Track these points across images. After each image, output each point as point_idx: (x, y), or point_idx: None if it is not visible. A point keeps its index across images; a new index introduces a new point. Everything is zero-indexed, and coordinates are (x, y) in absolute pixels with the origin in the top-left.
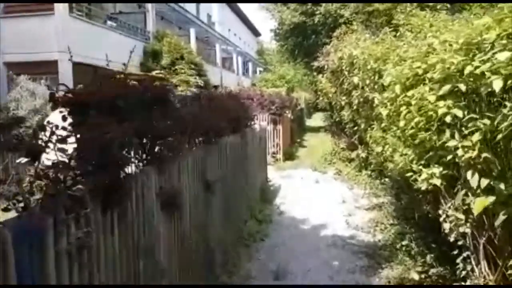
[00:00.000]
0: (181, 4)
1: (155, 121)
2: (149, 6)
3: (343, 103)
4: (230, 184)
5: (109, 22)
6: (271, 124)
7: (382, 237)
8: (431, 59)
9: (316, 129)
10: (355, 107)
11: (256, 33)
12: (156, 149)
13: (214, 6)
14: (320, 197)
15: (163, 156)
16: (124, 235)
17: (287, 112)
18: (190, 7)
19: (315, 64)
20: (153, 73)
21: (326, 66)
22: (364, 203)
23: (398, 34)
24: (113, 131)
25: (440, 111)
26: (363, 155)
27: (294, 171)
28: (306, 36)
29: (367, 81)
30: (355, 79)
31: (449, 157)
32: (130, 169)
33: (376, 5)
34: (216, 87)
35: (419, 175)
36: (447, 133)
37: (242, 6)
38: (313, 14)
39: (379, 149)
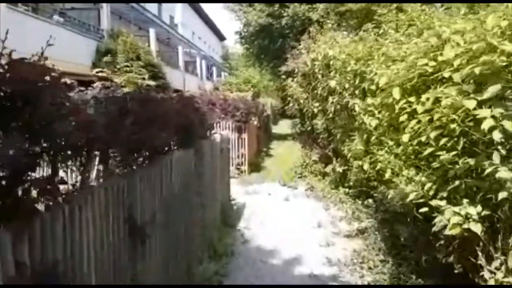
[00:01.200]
0: (142, 4)
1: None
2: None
3: (315, 110)
4: (178, 214)
5: (55, 17)
6: (235, 132)
7: (373, 279)
8: (447, 53)
9: (283, 137)
10: (330, 115)
11: (221, 37)
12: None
13: (178, 7)
14: (292, 219)
15: (29, 203)
16: None
17: (253, 119)
18: (152, 7)
19: (283, 69)
20: (94, 71)
21: (296, 69)
22: (343, 228)
23: (381, 31)
24: None
25: (485, 124)
26: (340, 170)
27: (261, 185)
28: (273, 39)
29: (346, 85)
30: (332, 83)
31: (503, 194)
32: None
33: (350, 5)
34: (178, 91)
35: (442, 213)
36: (496, 158)
37: (207, 9)
38: (281, 16)
39: (365, 166)
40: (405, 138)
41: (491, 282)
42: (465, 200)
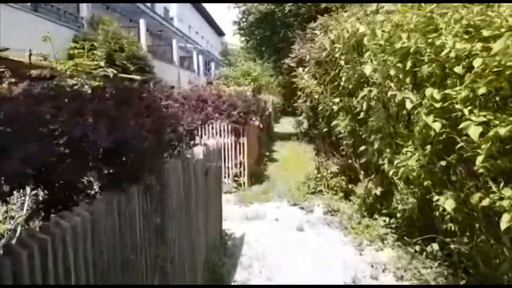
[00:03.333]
0: None
1: None
2: None
3: (335, 107)
4: None
5: None
6: (231, 136)
7: None
8: None
9: (286, 137)
10: (362, 114)
11: (220, 32)
12: None
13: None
14: (311, 266)
15: None
16: None
17: (253, 119)
18: None
19: (287, 61)
20: (27, 54)
21: (307, 57)
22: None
23: None
24: None
25: None
26: (377, 191)
27: (265, 205)
28: (275, 29)
29: (391, 71)
30: (367, 69)
31: None
32: None
33: None
34: (172, 87)
35: None
36: None
37: (205, 2)
38: (284, 2)
39: (447, 205)
40: None
41: None
42: None
